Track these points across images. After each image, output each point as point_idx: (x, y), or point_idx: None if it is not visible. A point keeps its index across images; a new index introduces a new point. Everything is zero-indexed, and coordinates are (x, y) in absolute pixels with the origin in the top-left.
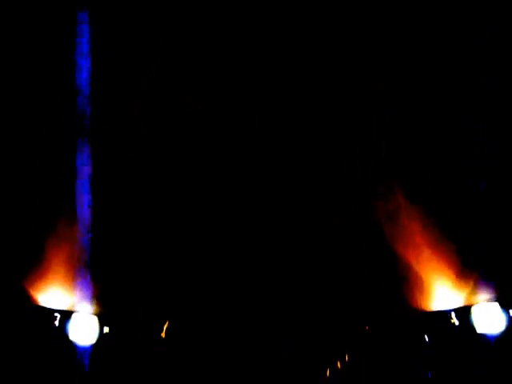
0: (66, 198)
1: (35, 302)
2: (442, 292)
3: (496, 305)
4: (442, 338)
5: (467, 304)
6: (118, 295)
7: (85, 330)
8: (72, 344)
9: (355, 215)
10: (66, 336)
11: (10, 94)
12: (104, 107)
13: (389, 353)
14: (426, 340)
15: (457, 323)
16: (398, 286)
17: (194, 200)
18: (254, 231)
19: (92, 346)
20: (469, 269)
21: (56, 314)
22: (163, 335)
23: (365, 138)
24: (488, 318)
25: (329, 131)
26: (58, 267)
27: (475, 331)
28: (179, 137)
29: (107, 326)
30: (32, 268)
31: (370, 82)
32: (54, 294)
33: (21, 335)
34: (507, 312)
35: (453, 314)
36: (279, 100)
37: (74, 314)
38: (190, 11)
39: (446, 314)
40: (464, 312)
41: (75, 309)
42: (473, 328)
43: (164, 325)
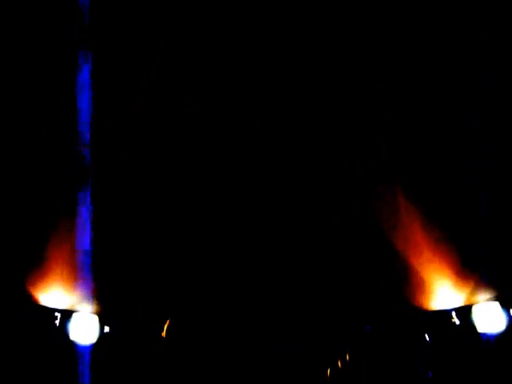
0: (66, 198)
1: (36, 301)
2: (443, 291)
3: (496, 304)
4: (443, 338)
5: (468, 303)
6: (119, 295)
7: (85, 329)
8: (73, 343)
9: (355, 215)
10: (66, 335)
11: (10, 94)
12: (104, 107)
13: (389, 352)
14: (427, 339)
15: (457, 322)
16: (399, 285)
17: (194, 200)
18: (255, 231)
19: (92, 345)
20: (469, 268)
21: (57, 314)
22: (164, 335)
23: (365, 137)
24: (488, 318)
25: (329, 131)
26: (58, 267)
27: (476, 331)
28: (179, 137)
29: (108, 325)
30: (33, 267)
31: (370, 81)
32: (55, 293)
33: (21, 334)
34: (507, 311)
35: (453, 314)
36: (279, 100)
37: (74, 314)
38: (190, 11)
39: (447, 313)
40: (465, 311)
41: (76, 308)
42: (473, 327)
43: (164, 324)
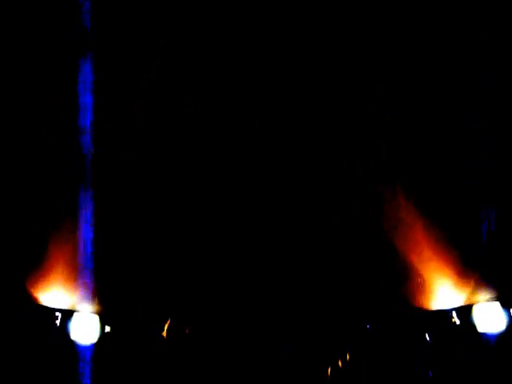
0: (66, 198)
1: (36, 301)
2: (443, 291)
3: (497, 304)
4: (443, 338)
5: (468, 303)
6: (120, 294)
7: (86, 329)
8: (73, 343)
9: (355, 215)
10: (67, 335)
11: (10, 94)
12: (104, 107)
13: (389, 352)
14: (427, 339)
15: (458, 322)
16: (399, 285)
17: (195, 200)
18: (255, 231)
19: (93, 345)
20: (469, 268)
21: (57, 314)
22: (164, 334)
23: (365, 137)
24: (489, 318)
25: (329, 131)
26: (59, 266)
27: (476, 330)
28: (179, 137)
29: (109, 325)
30: (33, 267)
31: (370, 81)
32: (55, 293)
33: (22, 334)
34: (508, 311)
35: (454, 313)
36: (279, 100)
37: (75, 314)
38: (190, 11)
39: (447, 313)
40: (465, 311)
41: (76, 308)
42: (474, 327)
43: (165, 324)
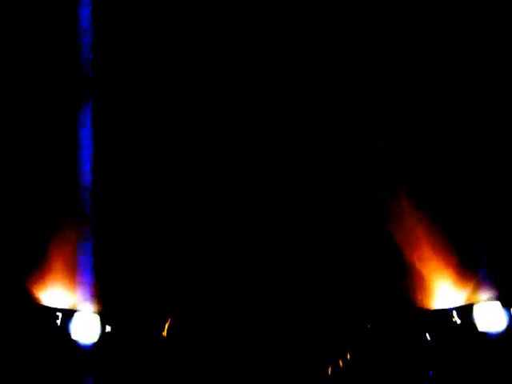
0: (67, 197)
1: (37, 300)
2: (444, 290)
3: (497, 303)
4: (444, 337)
5: (469, 302)
6: (121, 294)
7: (87, 328)
8: (74, 343)
9: (355, 215)
10: (67, 335)
11: (9, 93)
12: (104, 107)
13: (390, 352)
14: (428, 338)
15: (458, 322)
16: (399, 284)
17: (194, 200)
18: (254, 231)
19: (94, 345)
20: (470, 267)
21: (58, 313)
22: (165, 334)
23: (365, 137)
24: (489, 317)
25: (329, 131)
26: (59, 266)
27: (477, 330)
28: (179, 137)
29: (109, 324)
30: (33, 267)
31: (370, 81)
32: (56, 292)
33: (22, 334)
34: (509, 311)
35: (454, 313)
36: (279, 100)
37: (76, 313)
38: (190, 11)
39: (448, 312)
40: (465, 310)
41: (77, 308)
42: (474, 327)
43: (166, 324)
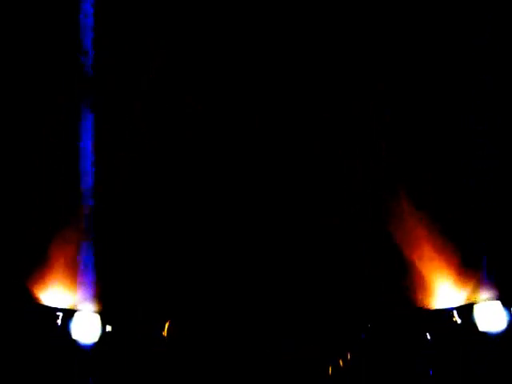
0: (67, 197)
1: (37, 300)
2: (444, 290)
3: (498, 303)
4: (444, 337)
5: (469, 302)
6: (121, 293)
7: (87, 328)
8: (74, 343)
9: (355, 215)
10: (68, 335)
11: (10, 93)
12: (104, 107)
13: (390, 351)
14: (428, 338)
15: (459, 321)
16: (400, 284)
17: (194, 200)
18: (254, 231)
19: (95, 344)
20: (471, 267)
21: (58, 313)
22: (165, 334)
23: (365, 137)
24: (490, 317)
25: (329, 131)
26: (60, 265)
27: (477, 330)
28: (179, 137)
29: (110, 324)
30: (34, 267)
31: (370, 81)
32: (56, 292)
33: (22, 334)
34: (509, 310)
35: (455, 313)
36: (279, 100)
37: (76, 313)
38: (190, 11)
39: (448, 312)
40: (466, 310)
41: (77, 307)
42: (475, 326)
43: (166, 323)
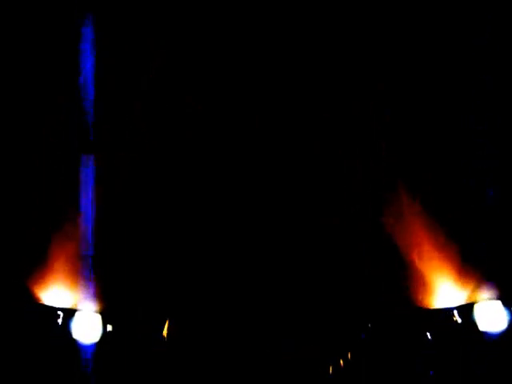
0: (67, 197)
1: (38, 300)
2: (445, 290)
3: (498, 303)
4: (444, 336)
5: (469, 302)
6: (122, 293)
7: (88, 328)
8: (75, 342)
9: (355, 215)
10: (69, 334)
11: (10, 94)
12: (104, 107)
13: (390, 351)
14: (428, 338)
15: (459, 321)
16: (400, 284)
17: (194, 200)
18: (254, 231)
19: (95, 344)
20: (471, 266)
21: (59, 313)
22: (165, 334)
23: (365, 137)
24: (490, 316)
25: (329, 131)
26: (60, 265)
27: (477, 329)
28: (179, 137)
29: (111, 324)
30: (34, 266)
31: (370, 81)
32: (57, 292)
33: (23, 334)
34: (509, 310)
35: (455, 312)
36: (279, 100)
37: (77, 313)
38: (190, 11)
39: (448, 311)
40: (466, 310)
41: (78, 307)
42: (475, 326)
43: (166, 323)
